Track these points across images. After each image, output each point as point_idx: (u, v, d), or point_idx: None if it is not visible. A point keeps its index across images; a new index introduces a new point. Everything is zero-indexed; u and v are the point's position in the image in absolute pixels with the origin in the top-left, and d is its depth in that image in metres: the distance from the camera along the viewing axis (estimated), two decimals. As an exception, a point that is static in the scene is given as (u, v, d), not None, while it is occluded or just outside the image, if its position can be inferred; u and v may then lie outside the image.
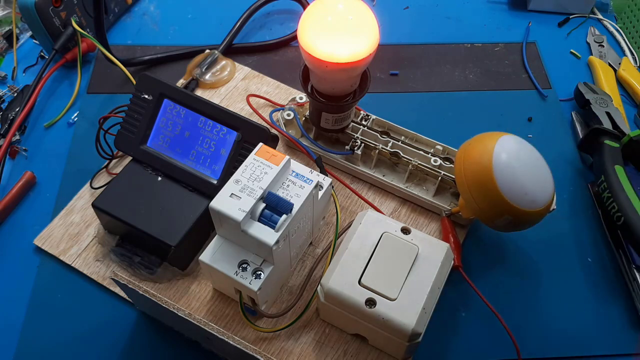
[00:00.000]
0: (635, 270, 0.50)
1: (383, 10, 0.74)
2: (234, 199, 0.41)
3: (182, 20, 0.73)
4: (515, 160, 0.45)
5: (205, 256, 0.44)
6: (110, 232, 0.51)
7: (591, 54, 0.71)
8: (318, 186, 0.45)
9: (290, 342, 0.46)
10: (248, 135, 0.48)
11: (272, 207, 0.42)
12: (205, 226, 0.48)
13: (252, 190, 0.42)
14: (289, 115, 0.58)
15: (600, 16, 0.76)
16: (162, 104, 0.51)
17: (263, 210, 0.42)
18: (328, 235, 0.53)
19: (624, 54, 0.72)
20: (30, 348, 0.46)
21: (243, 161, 0.44)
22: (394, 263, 0.44)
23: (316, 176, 0.45)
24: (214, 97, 0.63)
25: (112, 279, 0.41)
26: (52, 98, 0.64)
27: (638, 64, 0.71)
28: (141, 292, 0.39)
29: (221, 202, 0.41)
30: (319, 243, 0.52)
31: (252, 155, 0.44)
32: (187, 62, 0.66)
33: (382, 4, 0.77)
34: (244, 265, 0.43)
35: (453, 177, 0.52)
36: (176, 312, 0.39)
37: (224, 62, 0.66)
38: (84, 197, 0.55)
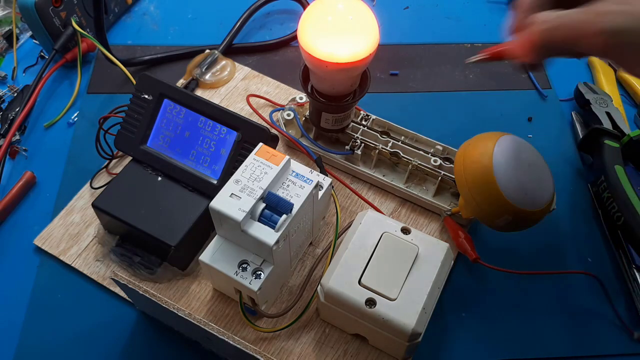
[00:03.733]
0: (635, 270, 0.50)
1: (383, 10, 0.74)
2: (234, 199, 0.41)
3: (182, 20, 0.73)
4: (515, 160, 0.45)
5: (205, 256, 0.44)
6: (110, 232, 0.51)
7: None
8: (318, 186, 0.45)
9: (290, 342, 0.46)
10: (248, 135, 0.48)
11: (272, 207, 0.42)
12: (205, 226, 0.48)
13: (252, 190, 0.42)
14: (289, 115, 0.58)
15: (600, 16, 0.76)
16: (162, 104, 0.51)
17: (263, 210, 0.42)
18: (328, 235, 0.53)
19: (624, 54, 0.72)
20: (30, 348, 0.46)
21: (243, 161, 0.44)
22: (394, 263, 0.44)
23: (316, 176, 0.45)
24: (214, 97, 0.63)
25: (112, 279, 0.41)
26: (52, 98, 0.64)
27: (638, 64, 0.70)
28: (141, 292, 0.40)
29: (221, 202, 0.41)
30: (319, 243, 0.52)
31: (252, 155, 0.44)
32: (187, 62, 0.66)
33: (382, 4, 0.77)
34: (244, 265, 0.43)
35: (453, 177, 0.52)
36: (176, 312, 0.39)
37: (224, 62, 0.66)
38: (84, 197, 0.55)
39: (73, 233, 0.52)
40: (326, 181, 0.48)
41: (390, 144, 0.55)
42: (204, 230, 0.50)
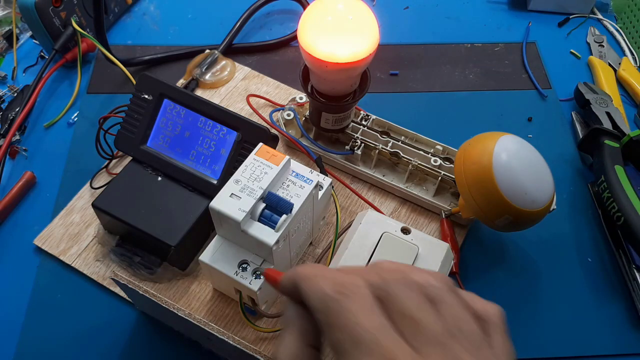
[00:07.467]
0: (635, 270, 0.50)
1: (383, 10, 0.74)
2: (234, 199, 0.41)
3: (182, 20, 0.73)
4: (515, 160, 0.45)
5: (205, 256, 0.44)
6: (110, 232, 0.51)
7: (591, 54, 0.71)
8: (318, 186, 0.45)
9: (290, 342, 0.46)
10: (248, 135, 0.48)
11: (272, 207, 0.42)
12: (205, 226, 0.48)
13: (252, 190, 0.42)
14: (289, 115, 0.58)
15: (600, 16, 0.76)
16: (162, 104, 0.51)
17: (263, 210, 0.42)
18: (328, 235, 0.53)
19: (624, 54, 0.72)
20: (30, 348, 0.46)
21: (243, 161, 0.44)
22: (394, 263, 0.44)
23: (316, 176, 0.45)
24: (214, 97, 0.63)
25: (112, 279, 0.41)
26: (52, 98, 0.64)
27: (638, 64, 0.71)
28: (141, 292, 0.39)
29: (221, 202, 0.41)
30: (319, 243, 0.52)
31: (252, 155, 0.44)
32: (187, 62, 0.66)
33: (382, 4, 0.77)
34: (244, 265, 0.43)
35: (453, 177, 0.52)
36: (176, 312, 0.39)
37: (224, 62, 0.66)
38: (84, 197, 0.55)
39: (73, 233, 0.52)
40: (326, 181, 0.48)
41: (390, 144, 0.55)
42: (204, 230, 0.50)
